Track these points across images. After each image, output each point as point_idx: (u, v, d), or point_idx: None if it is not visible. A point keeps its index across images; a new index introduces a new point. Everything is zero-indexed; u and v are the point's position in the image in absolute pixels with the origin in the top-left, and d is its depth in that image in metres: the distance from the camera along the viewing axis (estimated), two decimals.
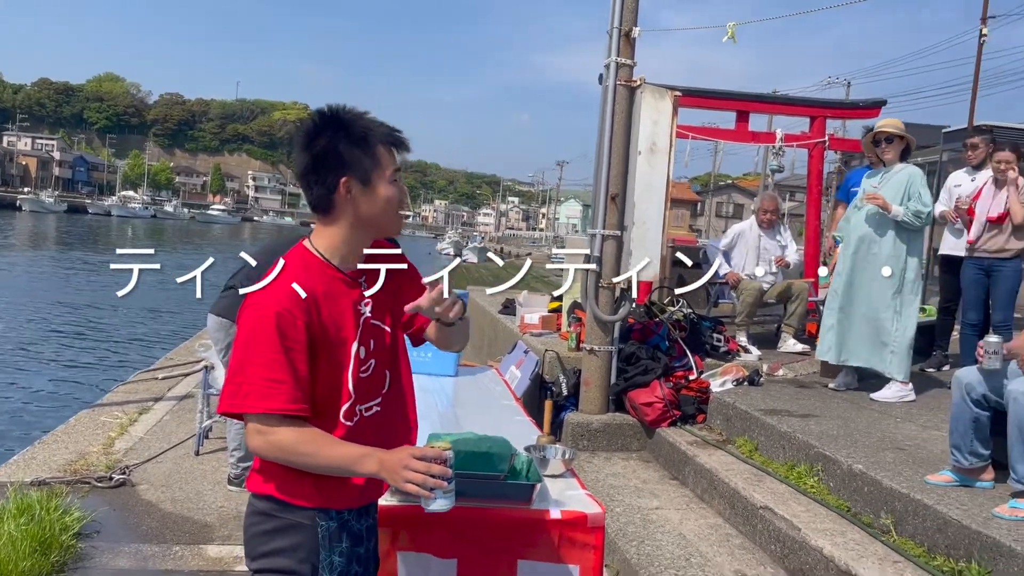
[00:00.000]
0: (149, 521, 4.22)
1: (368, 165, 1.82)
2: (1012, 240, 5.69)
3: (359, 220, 1.85)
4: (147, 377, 7.33)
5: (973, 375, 3.53)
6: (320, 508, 1.84)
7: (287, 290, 1.78)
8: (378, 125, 1.85)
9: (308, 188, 1.85)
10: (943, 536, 3.28)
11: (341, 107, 1.83)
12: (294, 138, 1.87)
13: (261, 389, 1.72)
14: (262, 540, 1.84)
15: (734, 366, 5.98)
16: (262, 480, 1.85)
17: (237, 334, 1.81)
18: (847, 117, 8.45)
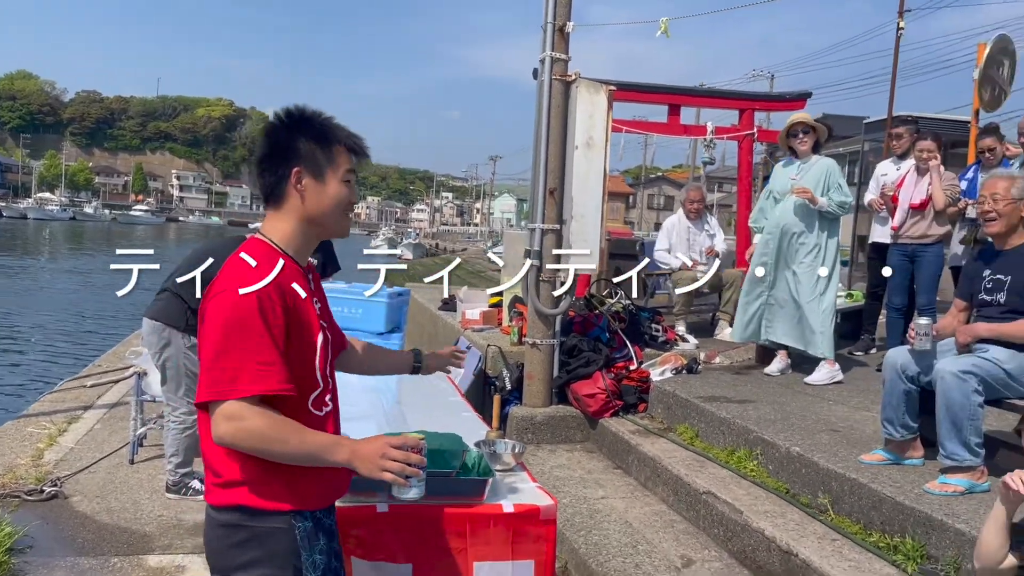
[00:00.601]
0: (84, 533, 4.07)
1: (322, 160, 1.86)
2: (934, 226, 5.93)
3: (308, 215, 1.88)
4: (75, 385, 7.06)
5: (904, 354, 3.67)
6: (295, 510, 1.82)
7: (263, 275, 1.78)
8: (340, 127, 1.90)
9: (261, 176, 1.87)
10: (878, 513, 3.41)
11: (306, 107, 1.89)
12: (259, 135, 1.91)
13: (253, 372, 1.70)
14: (235, 553, 1.81)
15: (673, 355, 6.09)
16: (227, 491, 1.81)
17: (210, 322, 1.75)
18: (774, 109, 8.67)
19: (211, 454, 1.83)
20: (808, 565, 3.23)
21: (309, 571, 1.85)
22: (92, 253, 43.43)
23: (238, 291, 1.74)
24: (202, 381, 1.75)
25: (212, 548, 1.86)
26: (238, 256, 1.82)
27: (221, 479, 1.82)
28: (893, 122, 8.31)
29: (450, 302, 8.43)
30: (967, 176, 6.64)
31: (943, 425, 3.30)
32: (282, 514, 1.81)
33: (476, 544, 2.45)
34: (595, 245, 5.59)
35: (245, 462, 1.80)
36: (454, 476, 2.50)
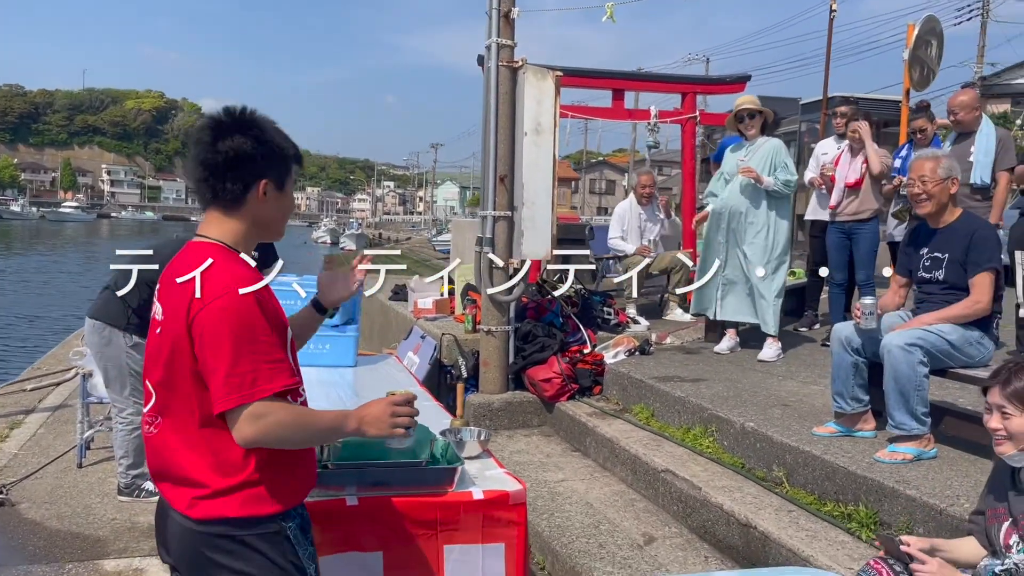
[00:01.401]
0: (35, 540, 3.96)
1: (284, 173, 1.91)
2: (867, 202, 6.10)
3: (260, 220, 1.91)
4: (13, 390, 6.85)
5: (850, 328, 3.78)
6: (284, 511, 1.85)
7: (248, 275, 1.81)
8: (289, 139, 1.94)
9: (221, 182, 1.84)
10: (832, 483, 3.52)
11: (253, 110, 1.88)
12: (195, 133, 1.86)
13: (267, 371, 1.74)
14: (226, 563, 1.79)
15: (625, 337, 6.17)
16: (212, 503, 1.78)
17: (214, 330, 1.72)
18: (716, 92, 8.81)
19: (192, 467, 1.79)
20: (767, 536, 3.32)
21: (308, 563, 1.89)
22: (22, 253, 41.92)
23: (237, 293, 1.74)
24: (218, 390, 1.72)
25: (197, 561, 1.82)
26: (215, 262, 1.79)
27: (205, 492, 1.79)
28: (834, 101, 8.50)
29: (400, 292, 8.38)
30: (900, 155, 6.85)
31: (891, 396, 3.42)
32: (273, 518, 1.83)
33: (446, 531, 2.46)
34: (547, 231, 5.62)
35: (229, 472, 1.78)
36: (424, 466, 2.50)
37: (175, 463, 1.82)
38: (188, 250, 1.87)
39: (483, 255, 5.66)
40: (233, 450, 1.78)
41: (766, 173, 5.56)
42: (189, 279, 1.78)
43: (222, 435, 1.78)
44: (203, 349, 1.73)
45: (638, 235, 7.50)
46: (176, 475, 1.82)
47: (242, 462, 1.78)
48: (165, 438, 1.84)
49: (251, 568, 1.79)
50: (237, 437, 1.74)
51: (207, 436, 1.79)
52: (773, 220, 5.65)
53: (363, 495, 2.42)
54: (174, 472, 1.83)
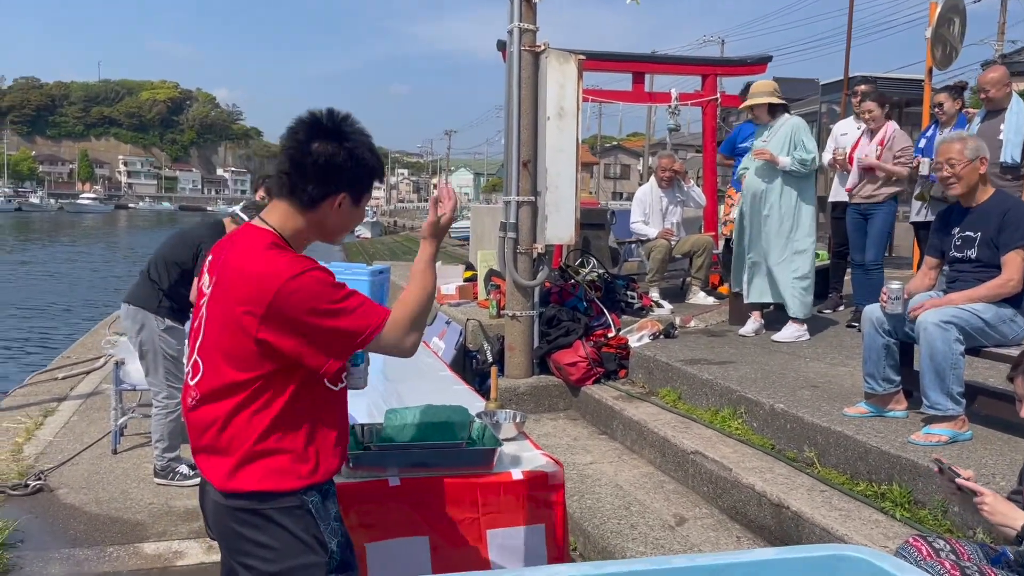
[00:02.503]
0: (76, 525, 4.04)
1: (364, 189, 1.95)
2: (883, 186, 6.06)
3: (326, 227, 1.95)
4: (45, 378, 6.94)
5: (880, 309, 3.77)
6: (305, 487, 1.87)
7: (304, 256, 1.89)
8: (378, 154, 1.98)
9: (304, 183, 1.88)
10: (864, 463, 3.52)
11: (355, 120, 1.93)
12: (293, 125, 1.90)
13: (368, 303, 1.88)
14: (253, 536, 1.84)
15: (649, 321, 6.18)
16: (238, 477, 1.83)
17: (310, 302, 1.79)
18: (737, 74, 8.74)
19: (222, 438, 1.84)
20: (799, 516, 3.34)
21: (330, 539, 1.92)
22: (44, 245, 42.35)
23: (311, 269, 1.82)
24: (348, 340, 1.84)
25: (228, 534, 1.89)
26: (272, 249, 1.85)
27: (232, 462, 1.84)
28: (854, 81, 8.42)
29: None
30: (927, 135, 6.79)
31: (926, 375, 3.42)
32: (295, 493, 1.86)
33: (488, 512, 2.50)
34: (571, 215, 5.63)
35: (257, 443, 1.83)
36: (464, 447, 2.54)
37: (212, 436, 1.87)
38: (247, 232, 1.91)
39: (507, 240, 5.69)
40: (260, 421, 1.83)
41: (785, 153, 5.51)
42: (253, 261, 1.82)
43: (255, 407, 1.84)
44: (288, 330, 1.79)
45: (660, 218, 7.49)
46: (211, 447, 1.88)
47: (267, 432, 1.83)
48: (205, 411, 1.89)
49: (274, 542, 1.84)
50: (399, 353, 1.91)
51: (244, 409, 1.84)
52: (795, 201, 5.59)
53: (405, 476, 2.46)
54: (210, 444, 1.88)
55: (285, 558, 1.85)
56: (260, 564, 1.85)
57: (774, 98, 5.70)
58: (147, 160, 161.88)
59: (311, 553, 1.87)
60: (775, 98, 5.70)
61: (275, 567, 1.85)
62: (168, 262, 4.50)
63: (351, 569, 2.00)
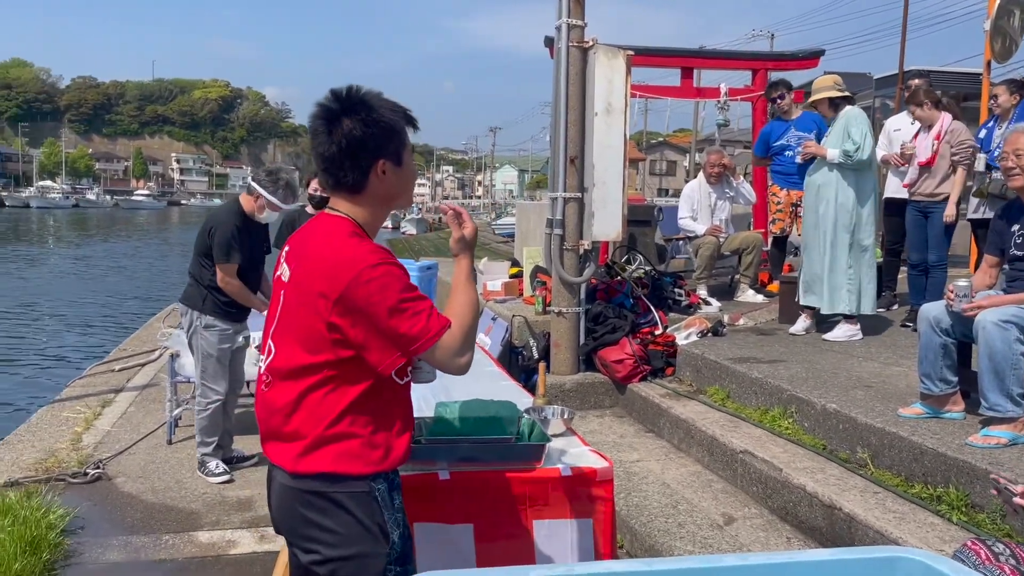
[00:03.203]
0: (133, 513, 4.15)
1: (399, 145, 1.92)
2: (944, 184, 5.91)
3: (386, 197, 1.95)
4: (103, 370, 7.14)
5: (938, 308, 3.69)
6: (373, 473, 1.88)
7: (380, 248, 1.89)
8: (396, 105, 1.93)
9: (340, 171, 1.89)
10: (919, 465, 3.45)
11: (358, 88, 1.89)
12: (311, 124, 1.89)
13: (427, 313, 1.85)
14: (317, 519, 1.86)
15: (697, 319, 6.12)
16: (307, 459, 1.86)
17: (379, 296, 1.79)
18: (788, 69, 8.59)
19: (295, 423, 1.87)
20: (852, 518, 3.28)
21: (393, 529, 1.92)
22: (99, 240, 43.52)
23: (382, 263, 1.82)
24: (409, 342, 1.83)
25: (293, 517, 1.90)
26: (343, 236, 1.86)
27: (303, 445, 1.86)
28: (908, 75, 8.23)
29: None
30: (987, 126, 6.61)
31: (985, 376, 3.33)
32: (363, 478, 1.87)
33: (536, 507, 2.50)
34: (618, 212, 5.60)
35: (326, 427, 1.84)
36: (513, 442, 2.54)
37: (282, 419, 1.89)
38: (325, 220, 1.92)
39: (553, 237, 5.68)
40: (333, 404, 1.85)
41: (839, 146, 5.39)
42: (335, 247, 1.85)
43: (326, 392, 1.85)
44: (357, 319, 1.81)
45: (708, 215, 7.41)
46: (281, 432, 1.90)
47: (340, 416, 1.85)
48: (275, 394, 1.92)
49: (339, 527, 1.86)
50: (452, 369, 1.91)
51: (314, 391, 1.86)
52: (853, 197, 5.43)
53: (454, 469, 2.48)
54: (280, 429, 1.90)
55: (348, 544, 1.86)
56: (322, 548, 1.87)
57: (833, 92, 5.55)
58: (199, 157, 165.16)
59: (374, 541, 1.88)
60: (835, 92, 5.55)
61: (337, 552, 1.86)
62: (196, 255, 4.59)
63: (409, 562, 2.00)
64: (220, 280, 4.44)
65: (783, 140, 7.12)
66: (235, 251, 4.44)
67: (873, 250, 5.57)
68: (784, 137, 7.11)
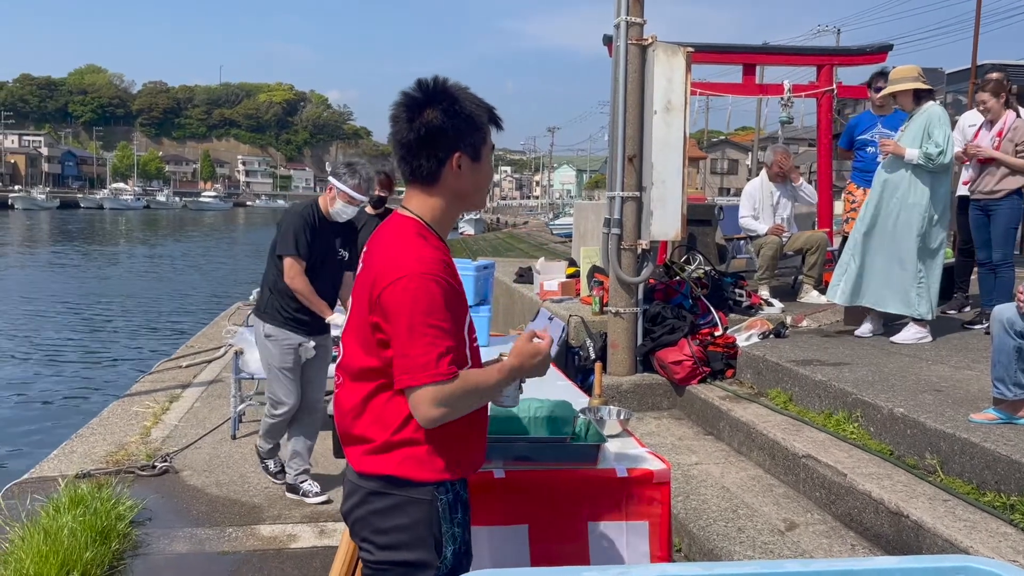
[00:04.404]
0: (198, 506, 4.26)
1: (478, 140, 1.89)
2: (1004, 180, 5.68)
3: (459, 193, 1.92)
4: (171, 366, 7.36)
5: (1011, 309, 3.55)
6: (439, 481, 1.86)
7: (434, 256, 1.82)
8: (482, 101, 1.90)
9: (416, 160, 1.87)
10: (992, 473, 3.32)
11: (444, 80, 1.88)
12: (393, 111, 1.88)
13: (435, 356, 1.75)
14: (378, 520, 1.87)
15: (758, 320, 6.01)
16: (374, 459, 1.86)
17: (397, 309, 1.76)
18: (855, 64, 8.36)
19: (363, 424, 1.87)
20: (920, 526, 3.18)
21: (448, 543, 1.89)
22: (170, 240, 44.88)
23: (418, 275, 1.77)
24: (395, 368, 1.78)
25: (356, 514, 1.91)
26: (405, 237, 1.85)
27: (370, 448, 1.86)
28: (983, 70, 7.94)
29: (526, 274, 8.46)
30: None
31: None
32: (426, 485, 1.85)
33: (591, 507, 2.48)
34: (677, 211, 5.52)
35: (394, 431, 1.84)
36: (569, 442, 2.53)
37: (351, 420, 1.90)
38: (392, 221, 1.93)
39: (611, 236, 5.64)
40: (398, 409, 1.83)
41: (918, 144, 5.18)
42: (394, 247, 1.84)
43: (390, 395, 1.84)
44: (387, 325, 1.79)
45: (771, 213, 7.26)
46: (351, 433, 1.91)
47: (406, 422, 1.83)
48: (344, 394, 1.93)
49: (395, 530, 1.85)
50: (417, 418, 1.79)
51: (377, 395, 1.86)
52: (927, 197, 5.21)
53: (509, 468, 2.48)
54: (349, 430, 1.91)
55: (400, 549, 1.85)
56: (375, 550, 1.88)
57: (919, 83, 5.32)
58: (263, 160, 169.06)
59: (426, 552, 1.85)
60: (920, 83, 5.32)
61: (388, 556, 1.86)
62: (269, 258, 4.34)
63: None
64: (286, 274, 4.13)
65: (868, 135, 6.90)
66: (302, 243, 4.11)
67: (942, 253, 5.35)
68: (870, 132, 6.90)
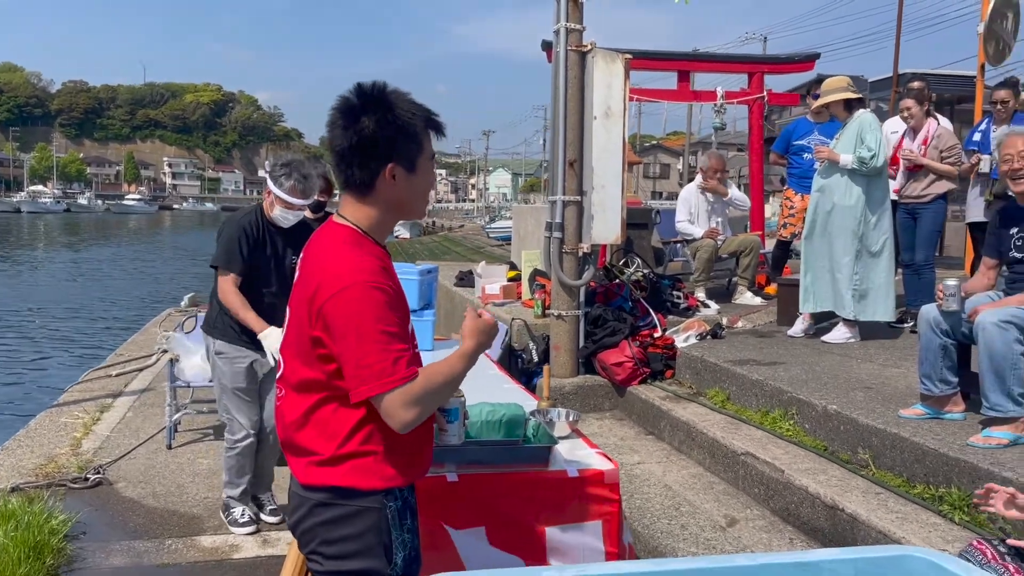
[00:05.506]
0: (135, 518, 4.14)
1: (413, 151, 1.84)
2: (932, 185, 5.95)
3: (394, 203, 1.87)
4: (100, 375, 7.12)
5: (938, 309, 3.71)
6: (386, 489, 1.85)
7: (372, 265, 1.79)
8: (420, 108, 1.85)
9: (349, 169, 1.83)
10: (921, 466, 3.47)
11: (383, 86, 1.83)
12: (330, 117, 1.84)
13: (391, 361, 1.73)
14: (326, 531, 1.84)
15: (696, 321, 6.14)
16: (319, 471, 1.84)
17: (343, 319, 1.72)
18: (784, 72, 8.64)
19: (306, 436, 1.85)
20: (855, 519, 3.30)
21: (399, 549, 1.88)
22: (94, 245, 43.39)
23: (360, 284, 1.74)
24: (351, 380, 1.75)
25: (303, 526, 1.88)
26: (341, 246, 1.81)
27: (316, 460, 1.84)
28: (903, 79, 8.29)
29: (467, 278, 8.47)
30: (980, 128, 6.66)
31: (986, 377, 3.35)
32: (375, 493, 1.84)
33: (545, 509, 2.51)
34: (617, 215, 5.61)
35: (339, 442, 1.81)
36: (521, 444, 2.56)
37: (294, 431, 1.87)
38: (326, 228, 1.89)
39: (552, 240, 5.69)
40: (343, 421, 1.81)
41: (852, 151, 5.36)
42: (327, 257, 1.81)
43: (335, 407, 1.82)
44: (332, 337, 1.75)
45: (706, 218, 7.43)
46: (294, 444, 1.88)
47: (352, 433, 1.81)
48: (285, 407, 1.90)
49: (343, 541, 1.83)
50: (391, 424, 1.76)
51: (321, 407, 1.83)
52: (863, 201, 5.38)
53: (462, 472, 2.49)
54: (292, 441, 1.88)
55: (350, 558, 1.84)
56: (324, 560, 1.86)
57: (849, 93, 5.52)
58: (190, 162, 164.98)
59: (376, 560, 1.84)
60: (850, 93, 5.53)
61: (337, 565, 1.85)
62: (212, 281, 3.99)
63: None
64: (218, 288, 3.85)
65: (804, 141, 7.12)
66: (235, 256, 3.79)
67: (889, 257, 5.47)
68: (806, 138, 7.11)
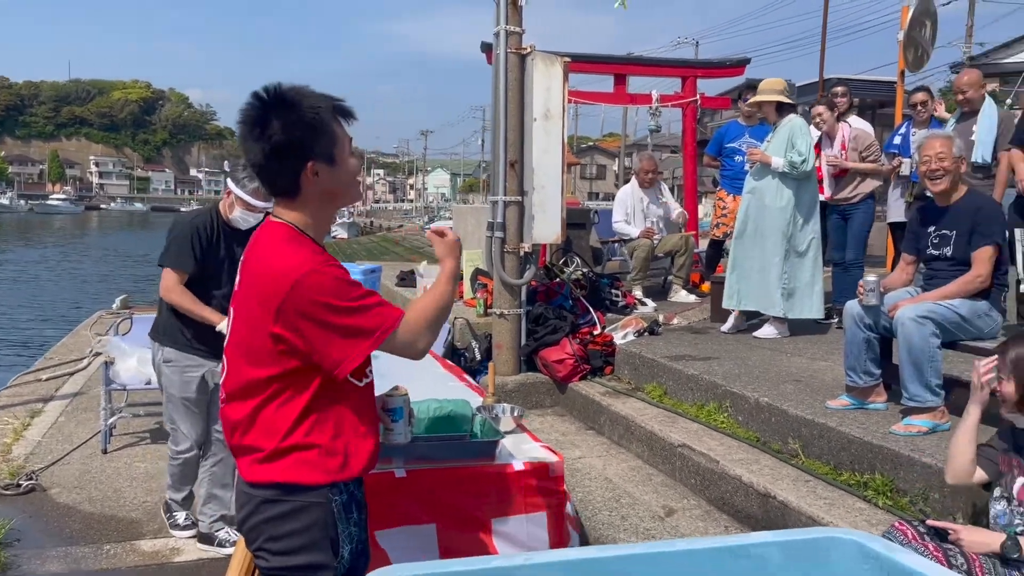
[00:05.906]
0: (71, 524, 4.06)
1: (328, 144, 1.84)
2: (860, 186, 6.21)
3: (326, 197, 1.90)
4: (29, 379, 6.90)
5: (859, 304, 3.90)
6: (332, 483, 1.87)
7: (316, 255, 1.84)
8: (323, 99, 1.85)
9: (270, 177, 1.86)
10: (847, 454, 3.64)
11: (279, 86, 1.82)
12: (239, 130, 1.85)
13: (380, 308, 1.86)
14: (272, 527, 1.86)
15: (633, 319, 6.28)
16: (264, 467, 1.85)
17: (319, 300, 1.77)
18: (716, 76, 8.89)
19: (250, 434, 1.87)
20: (786, 506, 3.45)
21: (345, 543, 1.92)
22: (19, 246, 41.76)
23: (319, 267, 1.80)
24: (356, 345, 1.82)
25: (249, 523, 1.90)
26: (281, 243, 1.84)
27: (259, 456, 1.85)
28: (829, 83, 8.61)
29: (408, 277, 8.48)
30: (900, 132, 6.96)
31: (906, 369, 3.54)
32: (319, 488, 1.86)
33: (492, 502, 2.58)
34: (557, 215, 5.71)
35: (281, 438, 1.84)
36: (467, 439, 2.61)
37: (239, 435, 1.89)
38: (267, 227, 1.91)
39: (494, 239, 5.76)
40: (286, 416, 1.84)
41: (783, 154, 5.52)
42: (271, 255, 1.83)
43: (278, 404, 1.84)
44: (301, 329, 1.78)
45: (642, 218, 7.60)
46: (240, 446, 1.90)
47: (294, 427, 1.83)
48: (231, 410, 1.91)
49: (289, 536, 1.85)
50: (410, 354, 1.90)
51: (267, 406, 1.85)
52: (791, 203, 5.55)
53: (410, 467, 2.53)
54: (238, 443, 1.90)
55: (296, 553, 1.85)
56: (270, 556, 1.88)
57: (783, 96, 5.66)
58: (119, 160, 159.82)
59: (321, 553, 1.86)
60: (783, 97, 5.66)
61: (284, 561, 1.86)
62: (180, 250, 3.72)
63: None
64: (161, 287, 3.67)
65: (736, 143, 7.32)
66: (185, 255, 3.62)
67: (816, 256, 5.65)
68: (738, 141, 7.32)
